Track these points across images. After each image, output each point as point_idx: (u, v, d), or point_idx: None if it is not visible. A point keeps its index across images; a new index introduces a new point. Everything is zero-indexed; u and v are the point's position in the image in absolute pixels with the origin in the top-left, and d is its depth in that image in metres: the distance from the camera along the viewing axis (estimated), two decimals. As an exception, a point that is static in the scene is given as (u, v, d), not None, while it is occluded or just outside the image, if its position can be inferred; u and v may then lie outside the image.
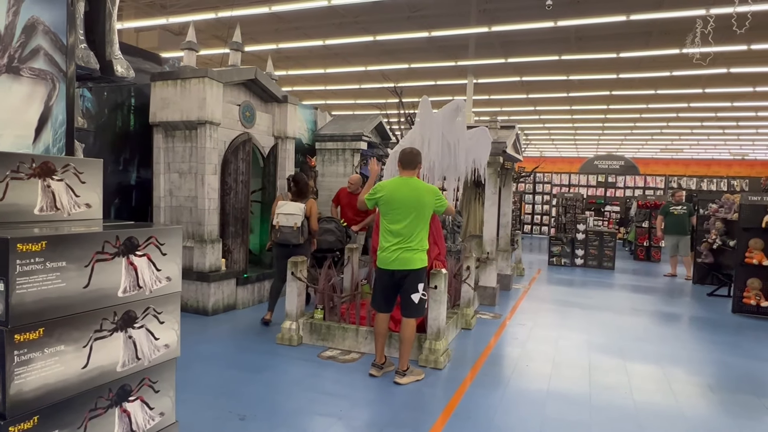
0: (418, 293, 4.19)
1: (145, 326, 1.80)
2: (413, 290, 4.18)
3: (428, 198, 4.18)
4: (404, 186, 4.22)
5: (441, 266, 5.08)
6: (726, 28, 8.21)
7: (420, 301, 4.21)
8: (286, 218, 5.50)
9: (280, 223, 5.50)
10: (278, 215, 5.52)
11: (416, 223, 4.16)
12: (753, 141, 25.82)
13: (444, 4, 10.41)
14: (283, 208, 5.53)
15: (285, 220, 5.50)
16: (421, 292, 4.21)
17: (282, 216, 5.50)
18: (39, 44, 2.03)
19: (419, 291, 4.19)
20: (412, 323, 4.28)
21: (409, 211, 4.15)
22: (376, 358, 4.42)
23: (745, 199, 7.49)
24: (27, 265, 1.41)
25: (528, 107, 20.43)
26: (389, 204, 4.21)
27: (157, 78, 6.19)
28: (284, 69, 15.82)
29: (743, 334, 6.37)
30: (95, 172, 2.06)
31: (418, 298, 4.19)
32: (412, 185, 4.22)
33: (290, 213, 5.51)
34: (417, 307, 4.22)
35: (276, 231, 5.54)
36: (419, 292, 4.19)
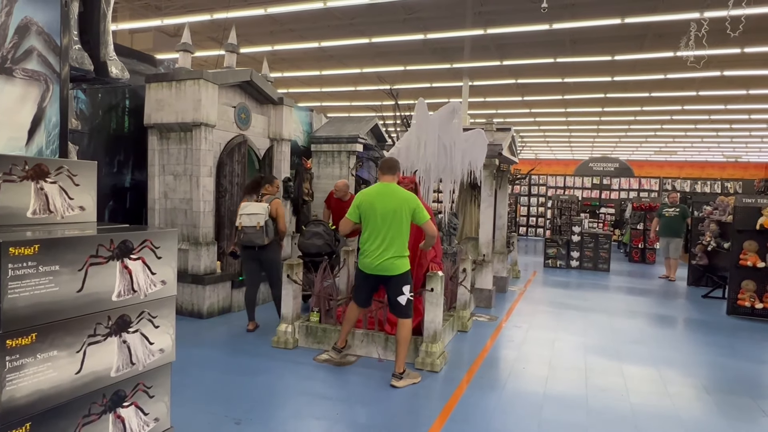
0: (404, 295, 4.22)
1: (139, 331, 1.78)
2: (398, 293, 4.22)
3: (406, 206, 4.20)
4: (383, 193, 4.27)
5: (437, 269, 5.08)
6: (720, 32, 8.25)
7: (407, 302, 4.25)
8: (248, 218, 5.30)
9: (242, 224, 5.30)
10: (240, 216, 5.33)
11: (395, 230, 4.19)
12: (746, 143, 25.96)
13: (439, 6, 10.42)
14: (246, 209, 5.34)
15: (248, 221, 5.29)
16: (407, 294, 4.23)
17: (245, 216, 5.31)
18: (32, 45, 2.01)
19: (405, 293, 4.22)
20: (408, 324, 4.29)
21: (386, 218, 4.19)
22: (338, 341, 4.62)
23: (739, 202, 7.52)
24: (19, 269, 1.38)
25: (523, 109, 20.47)
26: (369, 212, 4.26)
27: (152, 80, 6.16)
28: (279, 71, 15.78)
29: (738, 336, 6.39)
30: (89, 175, 2.04)
31: (405, 299, 4.23)
32: (391, 192, 4.26)
33: (253, 213, 5.31)
34: (405, 308, 4.26)
35: (239, 232, 5.35)
36: (405, 294, 4.22)
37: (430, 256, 5.25)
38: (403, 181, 5.33)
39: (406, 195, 4.27)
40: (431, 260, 5.22)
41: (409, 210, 4.21)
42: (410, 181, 5.35)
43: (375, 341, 4.88)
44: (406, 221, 4.21)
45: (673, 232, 10.59)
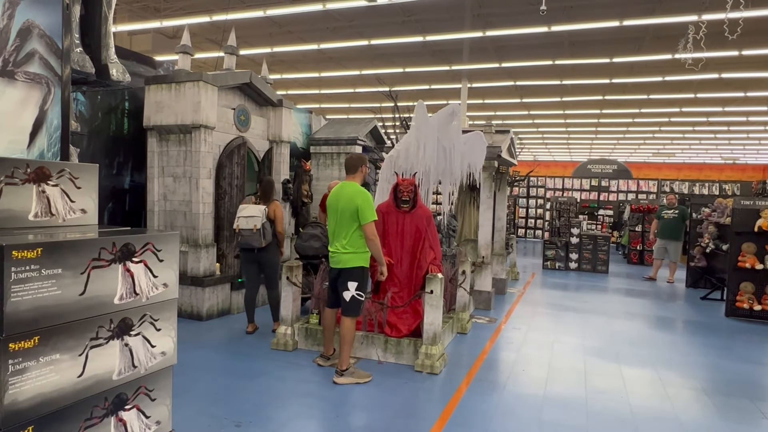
0: (350, 291, 4.25)
1: (141, 334, 1.78)
2: (344, 288, 4.28)
3: (352, 203, 4.20)
4: (340, 192, 4.35)
5: (437, 271, 5.08)
6: (718, 34, 8.27)
7: (352, 299, 4.26)
8: (245, 221, 5.32)
9: (240, 227, 5.33)
10: (238, 218, 5.36)
11: (344, 226, 4.27)
12: (744, 145, 26.06)
13: (438, 8, 10.44)
14: (244, 211, 5.37)
15: (244, 223, 5.32)
16: (353, 291, 4.25)
17: (242, 219, 5.33)
18: (34, 48, 2.01)
19: (350, 289, 4.25)
20: (348, 323, 4.30)
21: (337, 213, 4.30)
22: (324, 350, 4.68)
23: (737, 204, 7.54)
24: (22, 273, 1.38)
25: (522, 111, 20.51)
26: (330, 209, 4.42)
27: (152, 82, 6.16)
28: (279, 73, 15.79)
29: (736, 337, 6.40)
30: (91, 177, 2.04)
31: (350, 296, 4.25)
32: (345, 190, 4.32)
33: (250, 215, 5.34)
34: (349, 305, 4.28)
35: (237, 235, 5.43)
36: (350, 291, 4.25)
37: (430, 257, 5.26)
38: (402, 183, 5.34)
39: (355, 193, 4.25)
40: (430, 262, 5.23)
41: (355, 207, 4.20)
42: (410, 183, 5.36)
43: (375, 343, 4.88)
44: (354, 218, 4.22)
45: (672, 234, 10.56)
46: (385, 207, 5.45)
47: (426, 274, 5.04)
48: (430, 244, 5.35)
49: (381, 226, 5.31)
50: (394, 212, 5.40)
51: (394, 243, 5.39)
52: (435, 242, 5.40)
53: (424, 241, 5.33)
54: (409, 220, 5.37)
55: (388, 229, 5.40)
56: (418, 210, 5.40)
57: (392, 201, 5.42)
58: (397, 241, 5.38)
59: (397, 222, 5.39)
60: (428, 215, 5.45)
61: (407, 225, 5.37)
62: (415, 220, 5.36)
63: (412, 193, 5.35)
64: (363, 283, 4.31)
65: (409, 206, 5.34)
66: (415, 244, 5.37)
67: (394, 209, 5.40)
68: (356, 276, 4.26)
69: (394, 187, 5.42)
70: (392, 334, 4.93)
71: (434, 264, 5.25)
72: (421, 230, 5.35)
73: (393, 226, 5.41)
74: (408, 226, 5.37)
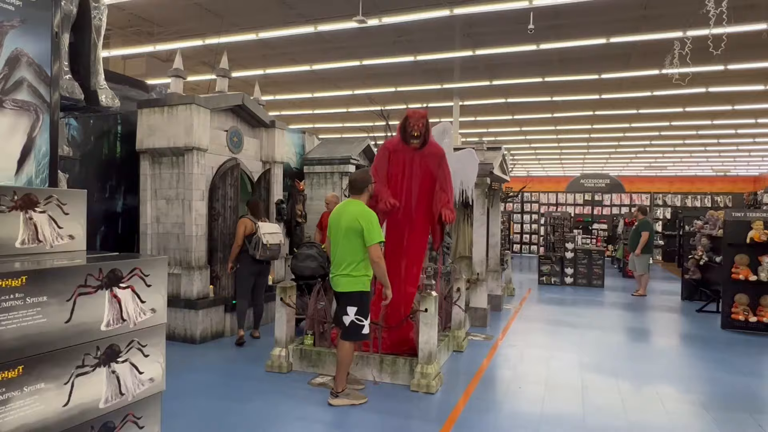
0: (349, 316, 4.12)
1: (129, 360, 1.76)
2: (343, 312, 4.16)
3: (356, 224, 4.01)
4: (344, 210, 4.17)
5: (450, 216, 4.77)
6: (703, 49, 8.43)
7: (352, 324, 4.12)
8: (272, 236, 5.97)
9: (270, 242, 5.91)
10: (264, 235, 5.90)
11: (346, 247, 4.09)
12: (734, 158, 26.32)
13: (429, 29, 10.59)
14: (265, 228, 5.96)
15: (273, 239, 5.96)
16: (352, 316, 4.11)
17: (268, 235, 5.93)
18: (23, 76, 2.02)
19: (349, 314, 4.11)
20: (346, 346, 4.20)
21: (339, 232, 4.12)
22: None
23: (729, 216, 7.60)
24: (6, 302, 1.37)
25: (514, 128, 20.69)
26: (332, 228, 4.24)
27: (144, 105, 6.19)
28: (272, 94, 15.91)
29: (733, 350, 6.39)
30: (79, 203, 2.03)
31: (349, 321, 4.12)
32: (349, 208, 4.13)
33: (273, 231, 6.06)
34: (348, 330, 4.16)
35: (266, 248, 5.89)
36: (350, 316, 4.11)
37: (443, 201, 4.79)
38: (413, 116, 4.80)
39: (360, 213, 4.03)
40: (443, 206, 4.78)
41: (359, 227, 4.00)
42: (421, 116, 4.81)
43: (370, 364, 4.84)
44: (356, 239, 4.03)
45: (632, 246, 10.78)
46: (392, 145, 4.97)
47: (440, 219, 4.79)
48: (441, 186, 4.87)
49: (385, 166, 4.89)
50: (402, 149, 4.88)
51: (401, 184, 4.92)
52: (447, 184, 4.88)
53: (435, 183, 4.88)
54: (418, 158, 4.87)
55: (393, 169, 4.90)
56: (429, 147, 4.89)
57: (400, 137, 4.90)
58: (404, 182, 4.90)
59: (405, 161, 4.88)
60: (440, 154, 4.93)
61: (416, 164, 4.87)
62: (426, 159, 4.87)
63: (423, 127, 4.80)
64: (363, 308, 4.16)
65: (420, 142, 4.81)
66: (423, 184, 4.90)
67: (402, 146, 4.88)
68: (355, 301, 4.14)
69: (403, 120, 4.88)
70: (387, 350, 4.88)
71: (447, 208, 4.79)
72: (433, 171, 4.87)
73: (400, 165, 4.89)
74: (417, 166, 4.87)
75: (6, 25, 1.93)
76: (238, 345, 5.94)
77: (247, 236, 5.99)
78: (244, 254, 6.02)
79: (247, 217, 6.08)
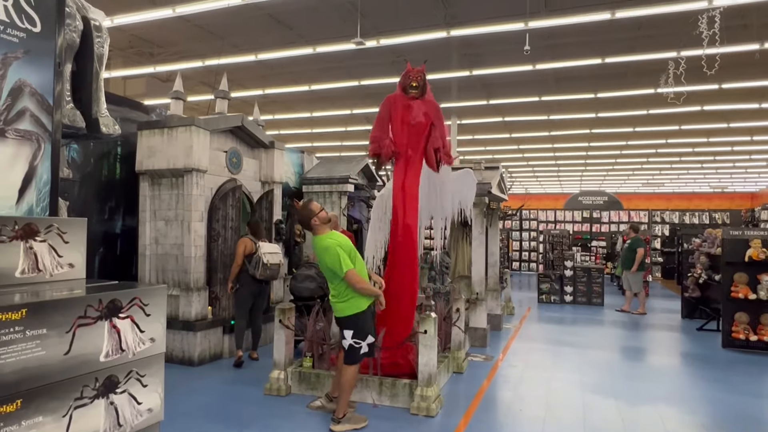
0: (347, 340, 4.18)
1: (127, 391, 1.75)
2: (342, 336, 4.25)
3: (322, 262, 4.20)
4: (315, 247, 4.31)
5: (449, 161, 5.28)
6: (698, 68, 8.53)
7: (350, 347, 4.18)
8: (273, 257, 5.99)
9: (270, 262, 5.94)
10: (265, 255, 5.93)
11: (330, 281, 4.26)
12: (731, 174, 26.46)
13: (426, 49, 10.71)
14: (265, 248, 5.99)
15: (273, 258, 5.99)
16: (349, 339, 4.17)
17: (269, 255, 5.96)
18: (25, 106, 2.05)
19: (346, 338, 4.18)
20: (349, 370, 4.21)
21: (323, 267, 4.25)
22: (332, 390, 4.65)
23: (727, 234, 7.61)
24: (6, 335, 1.37)
25: (512, 146, 20.82)
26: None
27: (144, 127, 6.24)
28: (270, 113, 16.03)
29: (734, 369, 6.35)
30: (79, 231, 2.04)
31: (347, 344, 4.19)
32: (318, 251, 4.26)
33: (274, 252, 6.08)
34: (347, 353, 4.22)
35: (266, 268, 5.91)
36: (347, 339, 4.18)
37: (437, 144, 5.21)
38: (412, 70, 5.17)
39: (322, 250, 4.16)
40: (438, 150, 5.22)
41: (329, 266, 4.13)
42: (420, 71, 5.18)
43: (369, 386, 4.80)
44: (332, 273, 4.15)
45: (625, 264, 10.81)
46: (392, 97, 5.30)
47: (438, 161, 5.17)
48: (439, 133, 5.23)
49: (387, 116, 5.24)
50: (402, 99, 5.23)
51: (401, 128, 5.22)
52: (442, 130, 5.25)
53: (432, 127, 5.21)
54: (416, 106, 5.20)
55: (395, 116, 5.23)
56: (426, 98, 5.25)
57: (400, 89, 5.25)
58: (403, 127, 5.22)
59: (404, 108, 5.21)
60: (436, 105, 5.31)
61: (415, 111, 5.20)
62: (424, 106, 5.22)
63: (422, 79, 5.17)
64: (359, 330, 4.19)
65: (418, 92, 5.18)
66: (422, 129, 5.21)
67: (402, 97, 5.23)
68: (351, 324, 4.19)
69: (404, 74, 5.24)
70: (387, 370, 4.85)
71: (444, 153, 5.20)
72: (430, 115, 5.20)
73: (399, 114, 5.23)
74: (416, 112, 5.19)
75: (10, 56, 1.96)
76: (237, 366, 5.89)
77: (247, 256, 6.01)
78: (244, 274, 6.02)
79: (247, 237, 6.11)
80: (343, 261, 4.05)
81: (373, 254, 6.08)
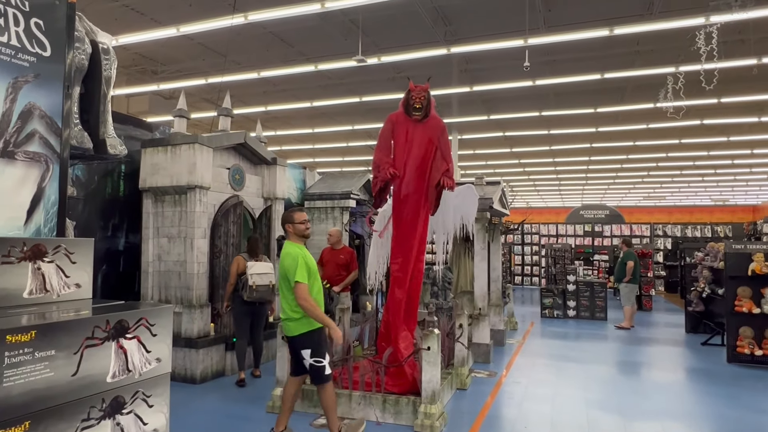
0: (307, 360, 3.94)
1: (133, 412, 1.75)
2: (300, 356, 4.00)
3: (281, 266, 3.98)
4: (283, 248, 4.10)
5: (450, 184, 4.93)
6: (697, 83, 8.62)
7: (311, 367, 3.94)
8: (260, 278, 5.74)
9: (257, 283, 5.71)
10: (252, 276, 5.70)
11: (282, 292, 4.01)
12: (732, 187, 26.53)
13: (426, 65, 10.83)
14: (255, 268, 5.74)
15: (260, 279, 5.74)
16: (309, 359, 3.92)
17: (256, 276, 5.72)
18: (34, 128, 2.08)
19: (306, 358, 3.94)
20: (324, 389, 3.99)
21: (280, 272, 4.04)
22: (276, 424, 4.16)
23: (729, 248, 7.60)
24: (15, 357, 1.39)
25: (512, 160, 20.91)
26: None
27: (148, 144, 6.29)
28: (273, 129, 16.16)
29: (740, 384, 6.30)
30: (86, 252, 2.06)
31: (308, 364, 3.94)
32: (284, 248, 4.05)
33: (263, 272, 5.79)
34: (312, 373, 3.98)
35: (252, 290, 5.70)
36: (307, 359, 3.93)
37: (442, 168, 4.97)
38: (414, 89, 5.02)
39: (284, 255, 3.97)
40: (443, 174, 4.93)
41: (284, 271, 3.91)
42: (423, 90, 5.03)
43: (372, 404, 4.77)
44: (286, 282, 3.94)
45: (618, 277, 10.76)
46: (395, 117, 5.17)
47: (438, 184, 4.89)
48: (443, 155, 5.04)
49: (389, 136, 5.12)
50: (404, 121, 5.10)
51: (404, 153, 5.07)
52: (447, 153, 5.06)
53: (436, 152, 5.04)
54: (420, 129, 5.06)
55: (397, 139, 5.09)
56: (430, 120, 5.09)
57: (403, 110, 5.12)
58: (405, 151, 5.07)
59: (407, 131, 5.07)
60: (442, 126, 5.14)
61: (418, 134, 5.05)
62: (428, 130, 5.06)
63: (425, 100, 5.01)
64: (317, 348, 3.94)
65: (421, 114, 5.02)
66: (426, 154, 5.03)
67: (405, 118, 5.09)
68: (305, 343, 3.94)
69: (406, 93, 5.09)
70: (390, 388, 4.83)
71: (447, 176, 4.92)
72: (434, 141, 5.03)
73: (403, 135, 5.08)
74: (419, 136, 5.05)
75: (21, 80, 2.00)
76: (239, 386, 5.86)
77: (240, 275, 5.85)
78: (237, 293, 5.88)
79: (240, 256, 5.98)
80: (300, 271, 3.85)
81: (376, 270, 6.09)
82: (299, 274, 3.85)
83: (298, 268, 3.86)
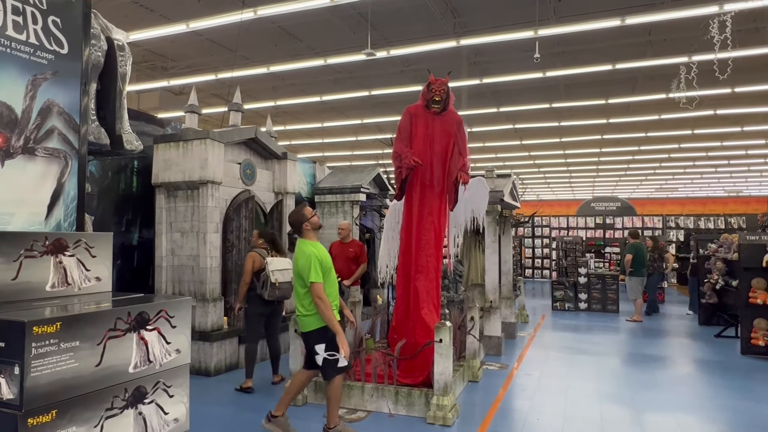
0: (320, 355, 3.96)
1: (155, 401, 1.79)
2: (313, 352, 4.02)
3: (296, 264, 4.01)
4: (297, 247, 4.11)
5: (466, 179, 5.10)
6: (710, 72, 8.50)
7: (325, 362, 3.95)
8: (281, 274, 5.34)
9: (279, 280, 5.31)
10: (273, 272, 5.30)
11: (297, 290, 4.06)
12: (746, 178, 26.18)
13: (435, 58, 10.79)
14: (275, 264, 5.34)
15: (282, 276, 5.33)
16: (323, 354, 3.94)
17: (278, 272, 5.33)
18: (54, 125, 2.12)
19: (319, 353, 3.96)
20: (332, 382, 4.03)
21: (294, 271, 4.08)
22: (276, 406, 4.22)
23: (743, 239, 7.53)
24: (42, 347, 1.42)
25: (523, 153, 20.80)
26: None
27: (160, 140, 6.35)
28: (282, 124, 16.19)
29: (754, 377, 6.26)
30: (105, 246, 2.10)
31: (321, 359, 3.96)
32: (299, 247, 4.07)
33: (284, 268, 5.38)
34: (323, 368, 4.01)
35: (275, 288, 5.31)
36: (320, 354, 3.96)
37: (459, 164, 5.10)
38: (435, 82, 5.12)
39: (299, 253, 4.00)
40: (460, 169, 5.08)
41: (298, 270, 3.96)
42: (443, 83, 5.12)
43: (385, 395, 4.81)
44: (300, 279, 3.98)
45: (623, 270, 10.71)
46: (414, 109, 5.28)
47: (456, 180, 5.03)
48: (459, 150, 5.16)
49: (408, 128, 5.23)
50: (423, 114, 5.20)
51: (423, 146, 5.19)
52: (464, 147, 5.19)
53: (454, 146, 5.16)
54: (439, 122, 5.16)
55: (416, 132, 5.20)
56: (448, 114, 5.21)
57: (422, 102, 5.22)
58: (425, 144, 5.18)
59: (426, 124, 5.18)
60: (459, 120, 5.25)
61: (437, 128, 5.16)
62: (446, 123, 5.16)
63: (445, 93, 5.11)
64: (331, 341, 3.95)
65: (440, 107, 5.12)
66: (444, 148, 5.16)
67: (424, 111, 5.19)
68: (320, 338, 3.96)
69: (426, 86, 5.18)
70: (402, 380, 4.86)
71: (463, 171, 5.05)
72: (451, 134, 5.15)
73: (422, 128, 5.19)
74: (437, 129, 5.15)
75: (40, 78, 2.03)
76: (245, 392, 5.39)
77: (256, 272, 5.46)
78: (252, 293, 5.48)
79: (255, 251, 5.57)
80: (314, 270, 3.88)
81: (387, 263, 6.11)
82: (313, 274, 3.90)
83: (312, 268, 3.90)
